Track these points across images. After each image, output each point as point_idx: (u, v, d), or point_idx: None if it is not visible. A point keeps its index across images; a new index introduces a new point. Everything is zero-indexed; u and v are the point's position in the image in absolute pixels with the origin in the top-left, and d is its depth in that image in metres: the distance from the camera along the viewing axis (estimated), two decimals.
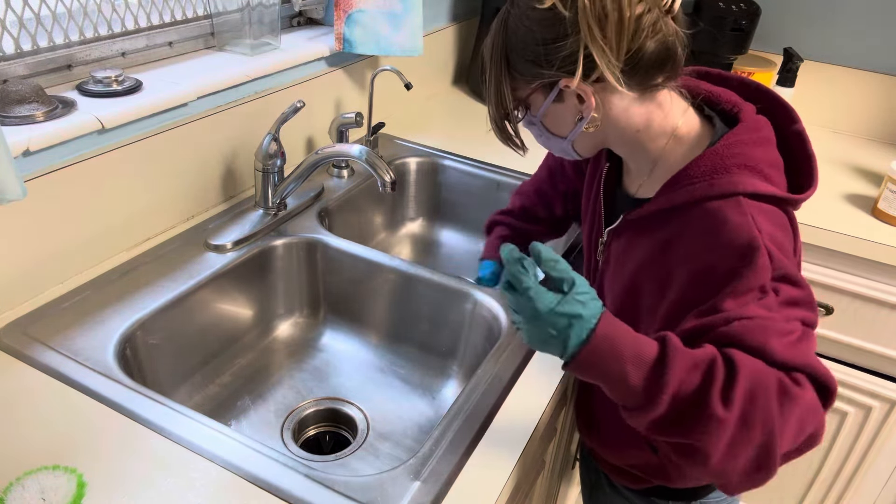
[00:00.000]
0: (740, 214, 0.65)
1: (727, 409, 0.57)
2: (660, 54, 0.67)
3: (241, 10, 1.17)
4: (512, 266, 0.62)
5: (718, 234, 0.66)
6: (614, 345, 0.60)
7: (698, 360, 0.59)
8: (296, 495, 0.67)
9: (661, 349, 0.60)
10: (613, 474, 0.95)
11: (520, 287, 0.61)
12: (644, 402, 0.60)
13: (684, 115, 0.73)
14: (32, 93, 0.86)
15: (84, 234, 0.94)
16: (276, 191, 1.10)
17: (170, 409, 0.75)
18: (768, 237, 0.64)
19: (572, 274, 0.61)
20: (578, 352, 0.60)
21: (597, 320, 0.60)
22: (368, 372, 1.09)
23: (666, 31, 0.66)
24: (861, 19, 1.60)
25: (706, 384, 0.58)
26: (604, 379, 0.61)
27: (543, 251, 0.61)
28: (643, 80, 0.68)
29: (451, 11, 1.74)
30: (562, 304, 0.60)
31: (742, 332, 0.61)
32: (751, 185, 0.67)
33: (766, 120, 0.73)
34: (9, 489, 0.62)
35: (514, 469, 0.72)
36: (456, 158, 1.41)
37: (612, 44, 0.64)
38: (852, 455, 1.46)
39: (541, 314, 0.60)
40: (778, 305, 0.63)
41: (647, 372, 0.59)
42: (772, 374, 0.59)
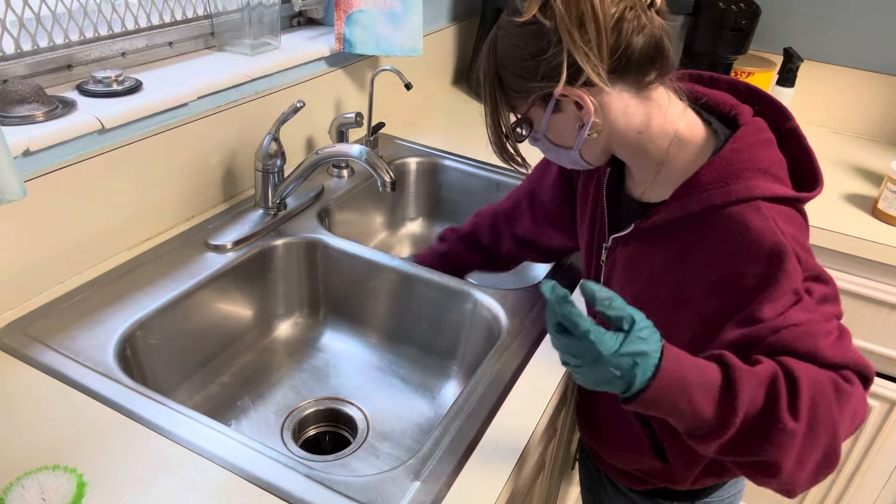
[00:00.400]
0: (762, 219, 0.65)
1: (796, 420, 0.58)
2: (648, 49, 0.67)
3: (241, 10, 1.17)
4: (563, 308, 0.57)
5: (742, 240, 0.65)
6: (681, 377, 0.58)
7: (761, 376, 0.59)
8: (296, 495, 0.67)
9: (724, 372, 0.59)
10: (616, 475, 0.95)
11: (577, 331, 0.57)
12: (715, 428, 0.59)
13: (684, 116, 0.73)
14: (32, 93, 0.86)
15: (84, 234, 0.94)
16: (276, 191, 1.10)
17: (170, 409, 0.75)
18: (792, 239, 0.64)
19: (630, 310, 0.58)
20: (645, 388, 0.58)
21: (660, 354, 0.58)
22: (368, 372, 1.09)
23: (651, 25, 0.66)
24: (861, 19, 1.60)
25: (773, 400, 0.58)
26: (670, 411, 0.59)
27: (597, 290, 0.58)
28: (636, 77, 0.68)
29: (451, 11, 1.74)
30: (625, 345, 0.56)
31: (793, 340, 0.61)
32: (768, 189, 0.67)
33: (763, 121, 0.73)
34: (9, 489, 0.62)
35: (514, 469, 0.72)
36: (456, 158, 1.41)
37: (593, 47, 0.65)
38: (852, 455, 1.46)
39: (604, 357, 0.56)
40: (815, 305, 0.64)
41: (716, 398, 0.58)
42: (826, 377, 0.60)
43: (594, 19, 0.64)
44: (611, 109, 0.70)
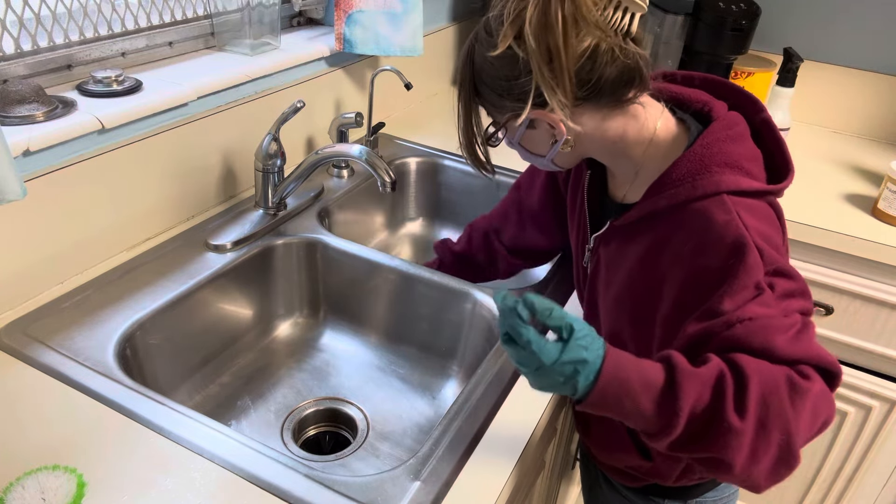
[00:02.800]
0: (725, 213, 0.66)
1: (743, 418, 0.58)
2: (622, 76, 0.67)
3: (241, 10, 1.17)
4: (509, 318, 0.60)
5: (706, 235, 0.66)
6: (622, 380, 0.59)
7: (706, 376, 0.60)
8: (296, 495, 0.67)
9: (667, 373, 0.60)
10: (610, 473, 0.95)
11: (521, 341, 0.60)
12: (661, 427, 0.60)
13: (661, 118, 0.73)
14: (32, 93, 0.86)
15: (84, 234, 0.94)
16: (276, 191, 1.10)
17: (170, 409, 0.75)
18: (756, 233, 0.65)
19: (569, 319, 0.60)
20: (588, 393, 0.60)
21: (601, 361, 0.59)
22: (368, 372, 1.09)
23: (625, 56, 0.66)
24: (861, 19, 1.60)
25: (718, 398, 0.59)
26: (618, 412, 0.61)
27: (536, 301, 0.60)
28: (611, 98, 0.69)
29: (451, 11, 1.74)
30: (565, 353, 0.59)
31: (746, 335, 0.61)
32: (733, 183, 0.67)
33: (738, 115, 0.74)
34: (9, 489, 0.62)
35: (514, 469, 0.72)
36: (456, 158, 1.41)
37: (562, 81, 0.65)
38: (852, 455, 1.46)
39: (545, 366, 0.59)
40: (775, 300, 0.63)
41: (659, 399, 0.59)
42: (780, 372, 0.60)
43: (564, 56, 0.64)
44: (584, 126, 0.71)
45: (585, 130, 0.72)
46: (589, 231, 0.84)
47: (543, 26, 0.63)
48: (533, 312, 0.60)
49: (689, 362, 0.61)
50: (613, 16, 0.64)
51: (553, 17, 0.63)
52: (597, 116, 0.71)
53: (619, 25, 0.65)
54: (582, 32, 0.64)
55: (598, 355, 0.60)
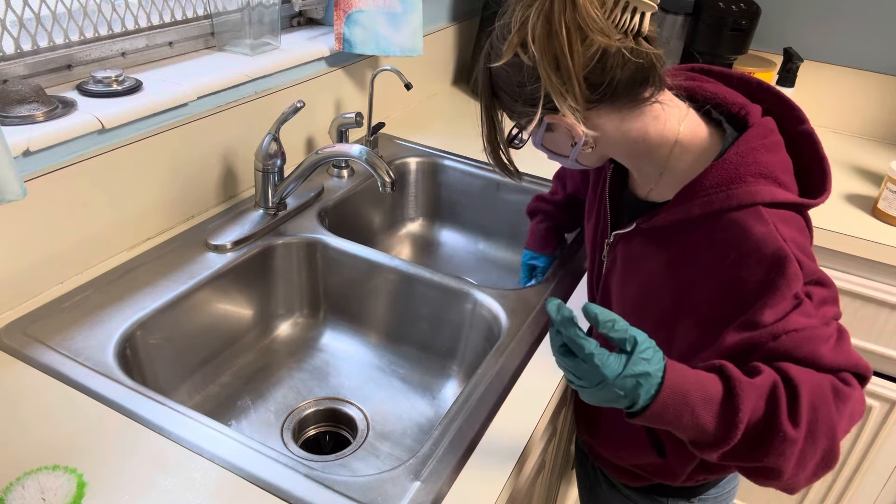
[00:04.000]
0: (763, 224, 0.65)
1: (796, 427, 0.59)
2: (636, 77, 0.67)
3: (241, 10, 1.17)
4: (568, 330, 0.58)
5: (743, 247, 0.65)
6: (683, 393, 0.59)
7: (762, 386, 0.60)
8: (296, 495, 0.67)
9: (725, 385, 0.60)
10: (613, 472, 0.95)
11: (581, 354, 0.58)
12: (718, 440, 0.60)
13: (685, 119, 0.72)
14: (32, 93, 0.86)
15: (84, 234, 0.94)
16: (276, 191, 1.10)
17: (170, 409, 0.75)
18: (793, 244, 0.64)
19: (633, 331, 0.59)
20: (647, 406, 0.59)
21: (662, 373, 0.59)
22: (368, 372, 1.09)
23: (636, 57, 0.65)
24: (861, 19, 1.60)
25: (773, 409, 0.59)
26: (676, 426, 0.60)
27: (600, 313, 0.59)
28: (627, 99, 0.68)
29: (451, 11, 1.74)
30: (629, 367, 0.58)
31: (792, 346, 0.62)
32: (769, 194, 0.66)
33: (772, 121, 0.73)
34: (9, 489, 0.62)
35: (514, 469, 0.72)
36: (456, 158, 1.41)
37: (570, 87, 0.65)
38: (852, 455, 1.46)
39: (608, 380, 0.58)
40: (814, 310, 0.64)
41: (718, 411, 0.59)
42: (826, 381, 0.61)
43: (568, 63, 0.63)
44: (603, 129, 0.71)
45: (605, 132, 0.71)
46: (609, 227, 0.83)
47: (547, 34, 0.63)
48: (595, 324, 0.59)
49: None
50: (622, 17, 0.63)
51: (556, 26, 0.62)
52: (615, 118, 0.70)
53: (630, 26, 0.64)
54: (588, 39, 0.63)
55: (660, 368, 0.59)
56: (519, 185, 1.34)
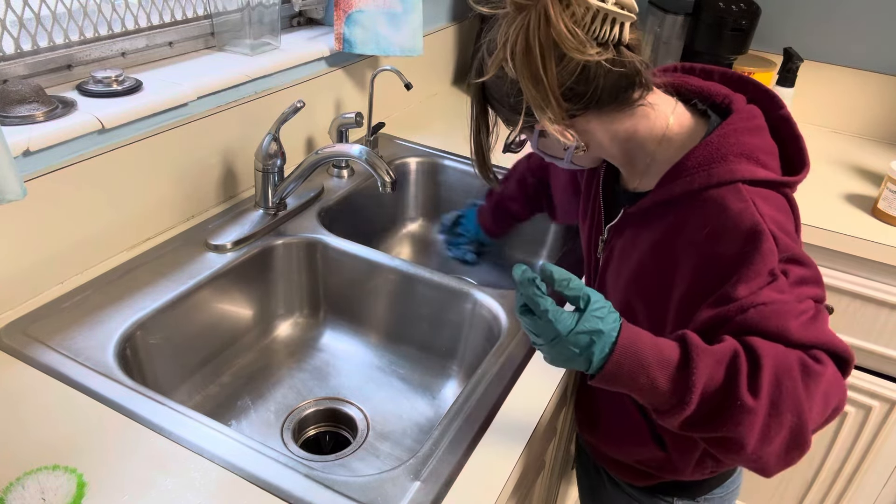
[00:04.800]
0: (741, 201, 0.66)
1: (756, 397, 0.59)
2: (619, 84, 0.68)
3: (241, 10, 1.17)
4: (527, 288, 0.61)
5: (721, 222, 0.67)
6: (637, 353, 0.60)
7: (721, 354, 0.61)
8: (296, 495, 0.67)
9: (682, 350, 0.61)
10: (616, 471, 0.95)
11: (538, 310, 0.61)
12: (674, 403, 0.61)
13: (673, 112, 0.74)
14: (32, 93, 0.86)
15: (84, 234, 0.94)
16: (276, 191, 1.10)
17: (170, 409, 0.75)
18: (771, 220, 0.65)
19: (587, 290, 0.62)
20: (604, 365, 0.61)
21: (617, 333, 0.60)
22: (368, 372, 1.09)
23: (618, 66, 0.66)
24: (861, 19, 1.60)
25: (732, 377, 0.60)
26: (632, 387, 0.62)
27: (555, 271, 0.62)
28: (615, 104, 0.70)
29: (451, 11, 1.74)
30: (581, 323, 0.60)
31: (760, 319, 0.62)
32: (748, 172, 0.68)
33: (757, 108, 0.74)
34: (9, 489, 0.62)
35: (514, 469, 0.72)
36: (456, 158, 1.41)
37: (548, 102, 0.66)
38: (852, 455, 1.46)
39: (561, 335, 0.60)
40: (789, 286, 0.64)
41: (673, 374, 0.60)
42: (793, 355, 0.61)
43: (544, 81, 0.65)
44: (592, 133, 0.73)
45: (594, 135, 0.73)
46: (603, 222, 0.85)
47: (525, 52, 0.64)
48: (551, 282, 0.62)
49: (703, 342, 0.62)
50: (602, 29, 0.64)
51: (532, 43, 0.64)
52: (604, 121, 0.72)
53: (610, 37, 0.65)
54: (565, 57, 0.64)
55: (614, 327, 0.61)
56: None
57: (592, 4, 0.63)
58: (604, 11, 0.64)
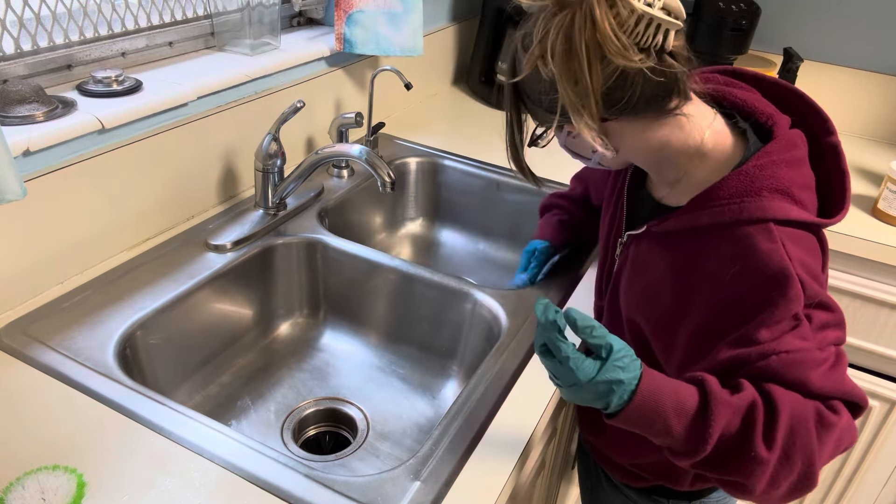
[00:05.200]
0: (770, 241, 0.64)
1: (770, 449, 0.59)
2: (657, 92, 0.65)
3: (241, 10, 1.17)
4: (549, 332, 0.61)
5: (748, 262, 0.65)
6: (656, 402, 0.60)
7: (739, 404, 0.60)
8: (296, 495, 0.67)
9: (701, 397, 0.61)
10: (615, 472, 0.95)
11: (559, 356, 0.61)
12: (689, 449, 0.61)
13: (710, 126, 0.71)
14: (32, 93, 0.86)
15: (84, 234, 0.94)
16: (276, 191, 1.10)
17: (170, 409, 0.75)
18: (799, 264, 0.64)
19: (610, 339, 0.61)
20: (621, 411, 0.61)
21: (637, 382, 0.60)
22: (368, 372, 1.09)
23: (659, 74, 0.63)
24: (861, 19, 1.60)
25: (748, 428, 0.60)
26: (648, 431, 0.62)
27: (579, 318, 0.61)
28: (650, 111, 0.67)
29: (451, 11, 1.74)
30: (602, 373, 0.60)
31: (781, 367, 0.62)
32: (781, 211, 0.65)
33: (800, 135, 0.71)
34: (9, 489, 0.62)
35: (514, 469, 0.72)
36: (456, 158, 1.41)
37: (587, 104, 0.63)
38: (852, 455, 1.46)
39: (581, 383, 0.60)
40: (812, 332, 0.63)
41: (690, 422, 0.61)
42: (810, 406, 0.61)
43: (586, 81, 0.62)
44: (624, 138, 0.70)
45: (626, 141, 0.70)
46: (624, 226, 0.83)
47: (566, 52, 0.61)
48: (573, 328, 0.61)
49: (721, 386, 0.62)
50: (645, 34, 0.62)
51: (576, 44, 0.61)
52: (636, 127, 0.69)
53: (653, 43, 0.62)
54: (605, 60, 0.62)
55: (635, 376, 0.60)
56: (519, 185, 1.34)
57: (638, 8, 0.60)
58: (649, 16, 0.60)
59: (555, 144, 0.79)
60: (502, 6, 1.65)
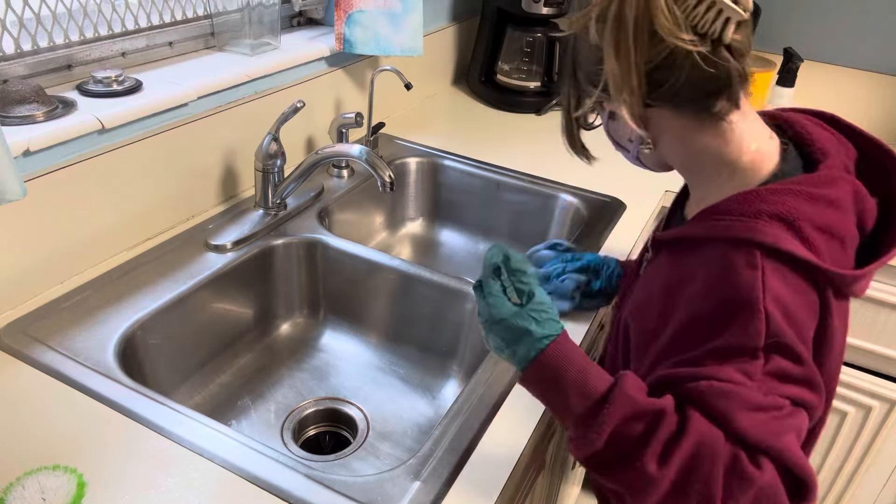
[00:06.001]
0: (750, 267, 0.58)
1: (661, 469, 0.55)
2: (704, 86, 0.61)
3: (241, 10, 1.17)
4: (485, 269, 0.62)
5: (719, 284, 0.60)
6: (560, 368, 0.59)
7: (645, 409, 0.56)
8: (296, 495, 0.67)
9: (609, 387, 0.58)
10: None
11: (485, 290, 0.62)
12: (580, 434, 0.59)
13: (756, 149, 0.65)
14: (32, 93, 0.86)
15: (84, 234, 0.94)
16: (276, 191, 1.10)
17: (170, 409, 0.75)
18: (773, 298, 0.57)
19: (533, 287, 0.61)
20: (525, 368, 0.61)
21: (549, 341, 0.59)
22: (368, 372, 1.09)
23: (711, 65, 0.59)
24: (861, 19, 1.60)
25: (645, 437, 0.56)
26: (547, 399, 0.62)
27: (513, 259, 0.61)
28: (693, 107, 0.63)
29: (451, 11, 1.74)
30: (513, 317, 0.60)
31: (708, 394, 0.56)
32: (771, 237, 0.58)
33: (852, 183, 0.64)
34: (9, 489, 0.62)
35: (514, 469, 0.72)
36: (456, 158, 1.41)
37: (628, 79, 0.60)
38: (852, 455, 1.46)
39: (494, 322, 0.61)
40: (762, 374, 0.56)
41: (588, 406, 0.58)
42: (727, 446, 0.54)
43: (631, 55, 0.59)
44: (661, 132, 0.66)
45: (664, 136, 0.66)
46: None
47: (617, 18, 0.58)
48: (506, 266, 0.62)
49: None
50: (703, 17, 0.57)
51: (627, 12, 0.58)
52: (676, 124, 0.65)
53: (710, 29, 0.58)
54: (655, 36, 0.58)
55: (547, 335, 0.60)
56: (519, 185, 1.34)
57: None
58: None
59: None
60: (502, 6, 1.65)
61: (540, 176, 1.34)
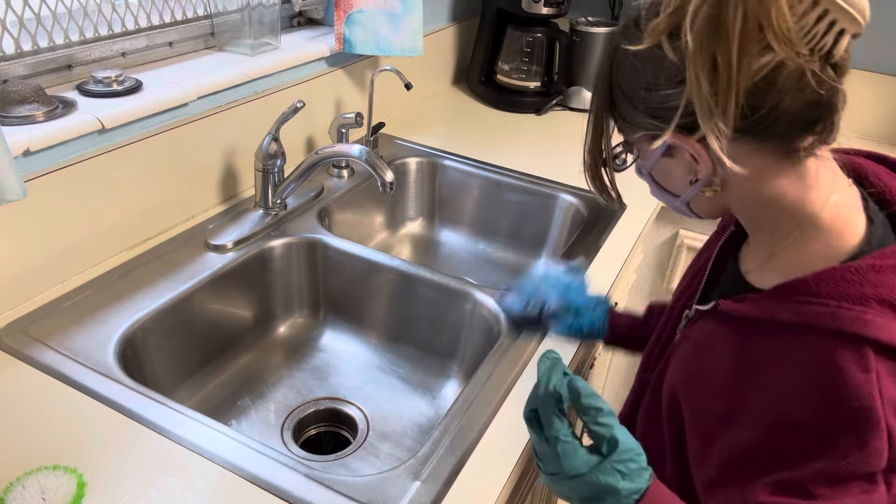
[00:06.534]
0: (863, 370, 0.48)
1: None
2: (805, 113, 0.50)
3: (241, 11, 1.17)
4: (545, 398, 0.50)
5: (826, 387, 0.50)
6: None
7: None
8: (296, 495, 0.67)
9: None
10: None
11: (548, 432, 0.50)
12: None
13: (839, 200, 0.55)
14: (32, 93, 0.86)
15: (84, 234, 0.94)
16: (276, 191, 1.10)
17: (170, 409, 0.75)
18: (892, 408, 0.48)
19: (617, 432, 0.49)
20: None
21: (638, 498, 0.49)
22: (368, 372, 1.09)
23: (817, 86, 0.48)
24: None
25: None
26: None
27: (585, 393, 0.49)
28: (781, 140, 0.52)
29: (451, 11, 1.74)
30: (594, 472, 0.49)
31: None
32: (886, 333, 0.49)
33: None
34: (9, 489, 0.62)
35: (514, 469, 0.72)
36: (456, 158, 1.41)
37: (726, 102, 0.48)
38: None
39: (565, 476, 0.50)
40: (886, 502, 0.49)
41: None
42: None
43: (732, 70, 0.47)
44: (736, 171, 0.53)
45: (736, 177, 0.53)
46: (698, 296, 0.68)
47: (713, 25, 0.47)
48: (575, 403, 0.50)
49: None
50: (814, 28, 0.47)
51: (730, 16, 0.46)
52: (755, 161, 0.52)
53: (820, 43, 0.48)
54: (766, 44, 0.47)
55: (637, 489, 0.50)
56: (519, 185, 1.34)
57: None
58: (826, 4, 0.46)
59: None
60: (502, 6, 1.65)
61: (540, 176, 1.34)
